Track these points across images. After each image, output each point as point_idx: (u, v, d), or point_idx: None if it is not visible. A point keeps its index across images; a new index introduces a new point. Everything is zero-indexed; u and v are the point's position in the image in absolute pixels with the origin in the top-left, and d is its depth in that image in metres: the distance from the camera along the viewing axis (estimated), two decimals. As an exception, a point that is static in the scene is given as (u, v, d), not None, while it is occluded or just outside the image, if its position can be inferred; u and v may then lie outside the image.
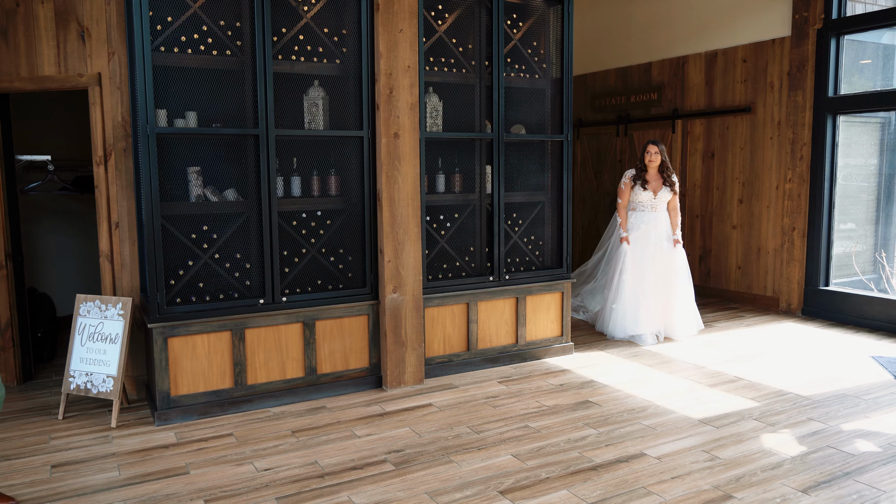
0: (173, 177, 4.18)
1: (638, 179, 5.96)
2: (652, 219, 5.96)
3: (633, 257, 5.92)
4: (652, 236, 5.92)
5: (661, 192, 5.93)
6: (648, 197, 5.93)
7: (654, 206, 5.96)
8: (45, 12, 4.42)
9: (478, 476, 3.38)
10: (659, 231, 5.94)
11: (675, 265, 5.91)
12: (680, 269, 5.93)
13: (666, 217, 6.01)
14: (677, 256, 5.92)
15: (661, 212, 5.98)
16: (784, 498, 3.15)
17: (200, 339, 4.19)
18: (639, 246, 5.92)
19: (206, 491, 3.25)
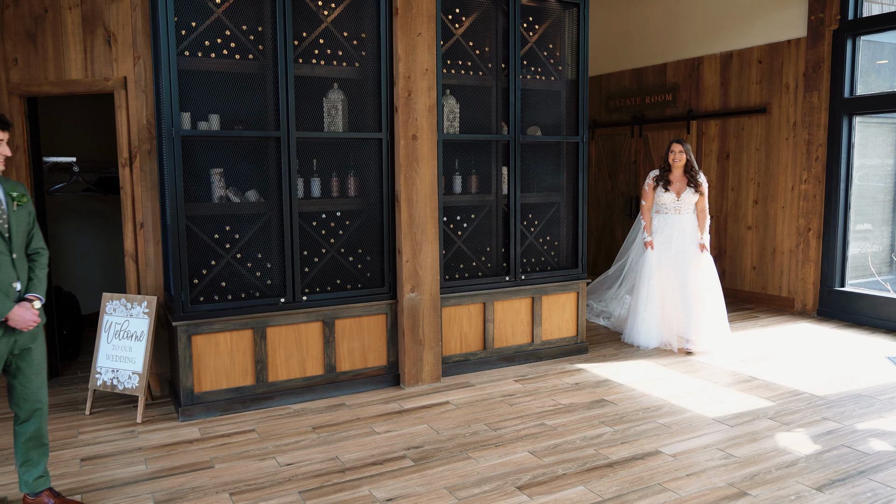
0: (197, 178, 4.28)
1: (661, 180, 5.65)
2: (675, 222, 5.63)
3: (656, 262, 5.67)
4: (675, 240, 5.62)
5: (685, 194, 5.59)
6: (671, 199, 5.63)
7: (677, 208, 5.63)
8: (72, 18, 4.54)
9: (495, 472, 3.45)
10: (683, 235, 5.61)
11: (701, 271, 5.57)
12: (706, 276, 5.59)
13: (692, 220, 5.64)
14: (703, 262, 5.58)
15: (685, 214, 5.63)
16: (798, 495, 3.19)
17: (223, 336, 4.29)
18: (661, 250, 5.66)
19: (231, 484, 3.34)
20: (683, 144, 5.58)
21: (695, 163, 5.64)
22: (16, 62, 4.69)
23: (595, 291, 7.01)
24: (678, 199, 5.59)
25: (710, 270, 5.63)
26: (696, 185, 5.58)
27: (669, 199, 5.62)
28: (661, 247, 5.66)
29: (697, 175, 5.61)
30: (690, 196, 5.59)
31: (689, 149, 5.60)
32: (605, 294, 6.86)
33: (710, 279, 5.61)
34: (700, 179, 5.61)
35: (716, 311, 5.61)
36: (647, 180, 5.75)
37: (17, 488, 3.30)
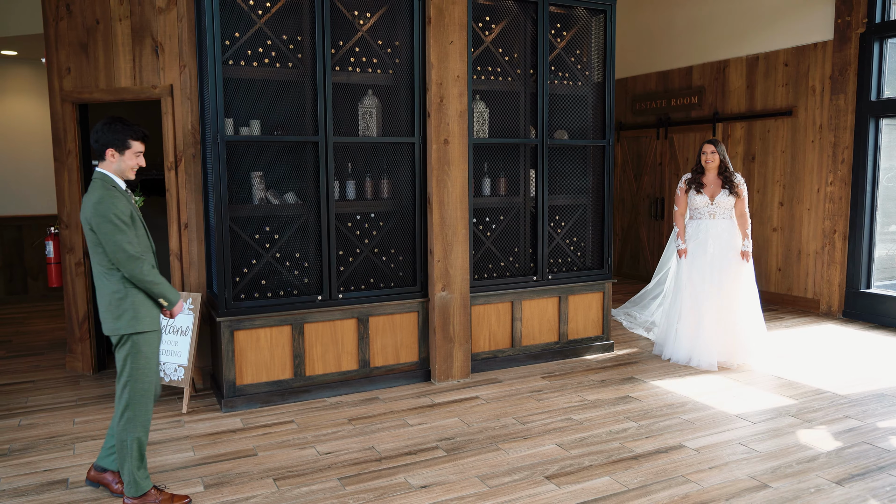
0: (238, 181, 4.50)
1: (693, 183, 5.33)
2: (710, 227, 5.28)
3: (689, 271, 5.35)
4: (709, 247, 5.26)
5: (720, 197, 5.23)
6: (704, 202, 5.28)
7: (711, 212, 5.28)
8: (122, 29, 4.79)
9: (524, 462, 3.61)
10: (720, 241, 5.24)
11: (740, 282, 5.23)
12: (745, 287, 5.25)
13: (729, 225, 5.26)
14: (743, 271, 5.23)
15: (721, 219, 5.27)
16: (818, 488, 3.30)
17: (263, 332, 4.50)
18: (695, 258, 5.31)
19: (274, 471, 3.54)
20: (716, 145, 5.28)
21: (729, 164, 5.33)
22: (69, 71, 4.96)
23: (638, 302, 6.88)
24: (712, 202, 5.26)
25: (749, 281, 5.28)
26: (731, 187, 5.22)
27: (703, 202, 5.29)
28: (696, 254, 5.31)
29: (733, 176, 5.26)
30: (726, 199, 5.24)
31: (722, 149, 5.30)
32: (650, 304, 6.60)
33: (748, 290, 5.28)
34: (736, 180, 5.25)
35: (755, 325, 5.31)
36: (680, 184, 5.47)
37: (79, 471, 3.54)
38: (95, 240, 3.02)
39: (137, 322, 3.06)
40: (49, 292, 8.12)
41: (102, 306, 3.10)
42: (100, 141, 3.09)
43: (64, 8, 4.90)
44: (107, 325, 3.09)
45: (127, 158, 3.12)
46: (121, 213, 3.00)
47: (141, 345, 3.09)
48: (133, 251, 3.00)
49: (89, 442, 3.94)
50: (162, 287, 3.11)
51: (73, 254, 5.19)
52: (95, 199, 3.00)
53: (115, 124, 3.10)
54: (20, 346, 6.15)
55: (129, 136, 3.12)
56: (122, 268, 3.01)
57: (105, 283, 3.07)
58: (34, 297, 8.13)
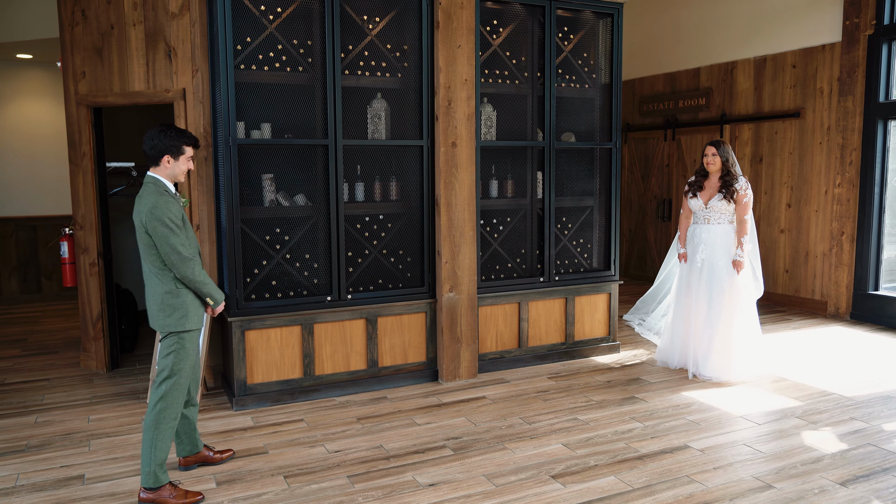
0: (249, 183, 4.57)
1: (693, 186, 5.18)
2: (703, 232, 5.10)
3: (681, 277, 5.27)
4: (700, 253, 5.09)
5: (714, 201, 5.02)
6: (699, 206, 5.11)
7: (706, 217, 5.09)
8: (136, 34, 4.87)
9: (531, 462, 3.66)
10: (712, 248, 5.04)
11: (727, 292, 4.99)
12: (735, 299, 4.99)
13: (724, 232, 5.03)
14: (735, 282, 4.98)
15: (716, 224, 5.05)
16: (822, 489, 3.33)
17: (274, 332, 4.57)
18: (690, 264, 5.20)
19: (285, 468, 3.61)
20: (718, 147, 5.04)
21: (735, 167, 5.05)
22: (84, 75, 5.05)
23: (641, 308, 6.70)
24: (706, 206, 5.07)
25: (740, 293, 5.00)
26: (728, 191, 4.97)
27: (697, 206, 5.13)
28: (690, 260, 5.20)
29: (734, 181, 4.99)
30: (719, 203, 5.00)
31: (727, 151, 5.04)
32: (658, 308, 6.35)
33: (738, 303, 5.00)
34: (737, 185, 4.97)
35: (743, 341, 5.00)
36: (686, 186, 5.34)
37: (94, 468, 3.62)
38: (149, 241, 3.20)
39: (187, 320, 3.26)
40: (63, 292, 8.24)
41: (154, 304, 3.27)
42: (156, 147, 3.25)
43: (79, 13, 4.99)
44: (157, 322, 3.27)
45: (181, 163, 3.32)
46: (174, 216, 3.19)
47: (186, 342, 3.29)
48: (186, 253, 3.20)
49: (104, 439, 4.02)
50: (210, 287, 3.33)
51: (88, 254, 5.28)
52: (151, 203, 3.16)
53: (169, 131, 3.28)
54: (35, 344, 6.26)
55: (184, 141, 3.31)
56: (175, 268, 3.20)
57: (157, 283, 3.25)
58: (48, 297, 8.24)
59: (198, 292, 3.31)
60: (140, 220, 3.18)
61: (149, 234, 3.17)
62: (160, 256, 3.20)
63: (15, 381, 5.18)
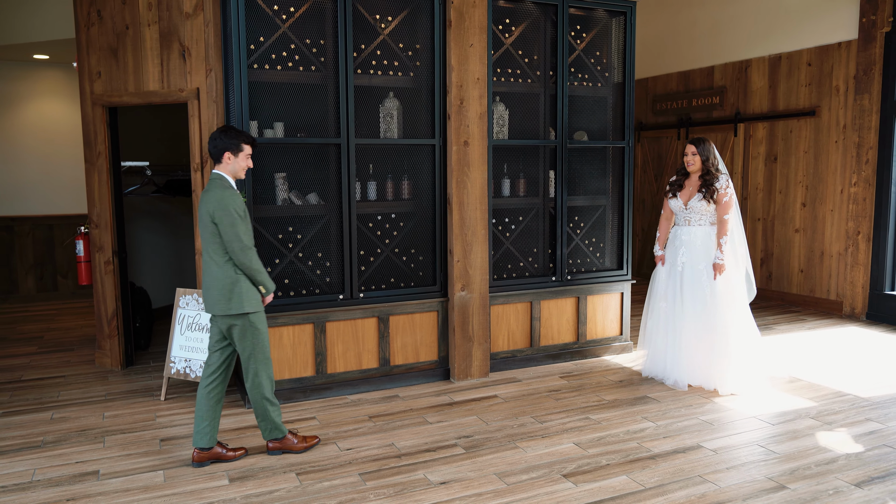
0: (262, 182, 4.59)
1: (674, 186, 4.95)
2: (683, 234, 4.86)
3: (661, 281, 4.99)
4: (679, 256, 4.84)
5: (693, 201, 4.76)
6: (679, 207, 4.87)
7: (686, 218, 4.84)
8: (150, 34, 4.91)
9: (542, 461, 3.65)
10: (692, 250, 4.79)
11: (715, 297, 4.70)
12: (725, 303, 4.70)
13: (705, 233, 4.77)
14: (716, 287, 4.70)
15: (697, 226, 4.80)
16: (837, 490, 3.30)
17: (286, 330, 4.59)
18: (670, 267, 4.93)
19: (297, 465, 3.63)
20: (699, 145, 4.77)
21: (718, 166, 4.79)
22: (99, 75, 5.10)
23: None
24: (686, 206, 4.82)
25: (728, 297, 4.71)
26: (707, 191, 4.71)
27: (677, 206, 4.88)
28: (669, 263, 4.94)
29: (715, 179, 4.72)
30: (698, 204, 4.74)
31: (707, 149, 4.77)
32: None
33: (727, 306, 4.70)
34: (717, 184, 4.70)
35: (733, 349, 4.70)
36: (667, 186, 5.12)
37: (109, 464, 3.66)
38: (214, 231, 3.47)
39: (247, 304, 3.52)
40: (78, 290, 8.32)
41: (215, 290, 3.52)
42: (218, 146, 3.56)
43: (95, 14, 5.04)
44: (218, 307, 3.53)
45: (240, 160, 3.60)
46: (239, 207, 3.48)
47: (256, 323, 3.58)
48: (247, 242, 3.49)
49: (118, 436, 4.06)
50: (263, 276, 3.58)
51: (103, 252, 5.33)
52: (219, 195, 3.46)
53: (229, 131, 3.58)
54: (51, 342, 6.33)
55: (242, 140, 3.60)
56: (235, 256, 3.47)
57: (218, 271, 3.52)
58: (64, 295, 8.33)
59: (253, 279, 3.56)
60: (208, 210, 3.46)
61: (215, 223, 3.44)
62: (223, 245, 3.48)
63: (32, 377, 5.24)
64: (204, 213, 3.47)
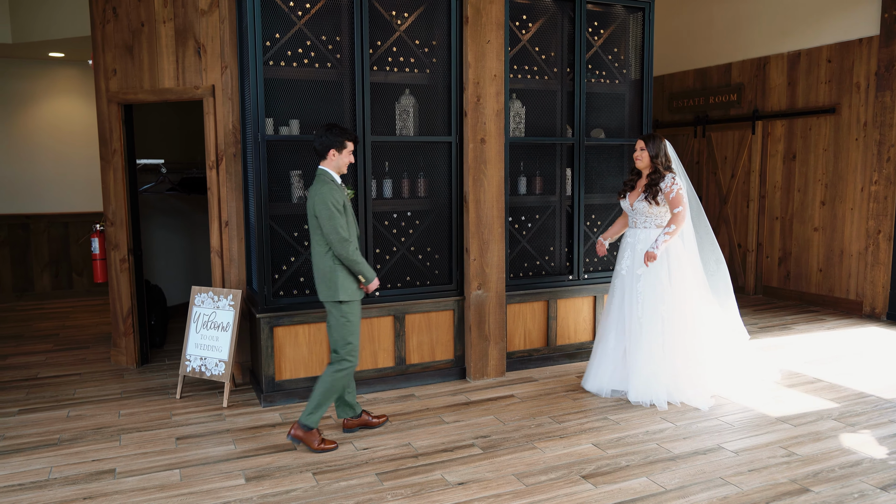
0: (277, 179, 4.57)
1: (626, 185, 4.65)
2: (630, 236, 4.58)
3: (611, 286, 4.73)
4: (625, 259, 4.56)
5: (637, 202, 4.49)
6: (626, 206, 4.60)
7: (634, 220, 4.56)
8: (166, 31, 4.90)
9: (561, 461, 3.61)
10: (636, 254, 4.49)
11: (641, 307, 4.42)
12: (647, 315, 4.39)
13: (648, 237, 4.47)
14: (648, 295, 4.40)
15: (643, 228, 4.49)
16: (862, 494, 3.24)
17: (302, 329, 4.57)
18: (614, 273, 4.69)
19: (313, 465, 3.60)
20: (648, 141, 4.45)
21: (670, 161, 4.51)
22: (115, 73, 5.09)
23: None
24: (632, 208, 4.54)
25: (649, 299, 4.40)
26: (650, 193, 4.40)
27: (625, 206, 4.61)
28: (616, 267, 4.67)
29: (660, 180, 4.39)
30: (640, 205, 4.46)
31: (657, 146, 4.44)
32: None
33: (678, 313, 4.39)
34: (660, 185, 4.38)
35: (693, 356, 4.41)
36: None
37: (125, 462, 3.65)
38: (317, 224, 3.69)
39: (342, 293, 3.72)
40: (93, 288, 8.35)
41: (318, 279, 3.77)
42: (323, 143, 3.75)
43: (111, 11, 5.04)
44: (322, 294, 3.77)
45: (343, 156, 3.78)
46: (336, 201, 3.66)
47: (347, 312, 3.75)
48: (344, 234, 3.65)
49: (134, 434, 4.05)
50: (362, 266, 3.73)
51: (118, 250, 5.33)
52: (320, 190, 3.67)
53: (333, 129, 3.76)
54: (67, 339, 6.35)
55: (346, 137, 3.77)
56: (334, 247, 3.66)
57: (319, 261, 3.75)
58: (79, 293, 8.36)
59: (352, 269, 3.73)
60: (311, 204, 3.69)
61: (316, 217, 3.66)
62: (324, 237, 3.68)
63: (48, 375, 5.25)
64: (309, 207, 3.72)
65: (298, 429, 3.76)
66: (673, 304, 4.42)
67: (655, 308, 4.41)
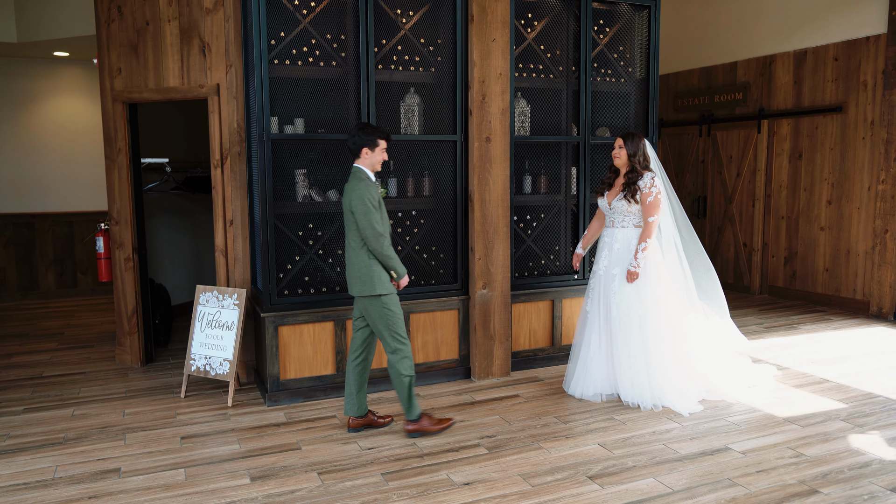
0: (282, 178, 4.56)
1: (604, 183, 4.57)
2: (608, 235, 4.52)
3: (588, 287, 4.66)
4: (602, 259, 4.51)
5: (615, 201, 4.42)
6: (604, 205, 4.53)
7: (612, 219, 4.49)
8: (171, 30, 4.89)
9: (567, 462, 3.59)
10: (613, 254, 4.45)
11: (621, 304, 4.37)
12: (623, 315, 4.36)
13: (627, 236, 4.41)
14: (626, 293, 4.35)
15: (621, 227, 4.43)
16: (872, 495, 3.21)
17: (307, 328, 4.56)
18: (592, 273, 4.62)
19: (318, 465, 3.59)
20: (627, 139, 4.40)
21: (649, 160, 4.45)
22: (119, 71, 5.09)
23: None
24: (610, 207, 4.47)
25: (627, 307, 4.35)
26: (629, 191, 4.34)
27: (604, 205, 4.53)
28: (594, 268, 4.61)
29: (638, 178, 4.35)
30: (619, 204, 4.39)
31: (636, 145, 4.39)
32: None
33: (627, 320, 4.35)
34: (640, 183, 4.33)
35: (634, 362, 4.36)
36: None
37: (130, 461, 3.64)
38: (353, 220, 3.77)
39: (379, 287, 3.79)
40: (98, 287, 8.36)
41: (353, 274, 3.84)
42: (357, 142, 3.82)
43: (115, 10, 5.03)
44: (355, 289, 3.84)
45: (376, 154, 3.86)
46: (373, 198, 3.75)
47: (388, 304, 3.83)
48: (379, 229, 3.74)
49: (139, 433, 4.04)
50: (395, 261, 3.82)
51: (123, 249, 5.33)
52: (356, 186, 3.76)
53: (367, 128, 3.85)
54: (71, 338, 6.35)
55: (378, 136, 3.85)
56: (369, 243, 3.74)
57: (355, 256, 3.82)
58: (84, 291, 8.37)
59: (385, 265, 3.81)
60: (348, 200, 3.77)
61: (353, 213, 3.73)
62: (359, 233, 3.75)
63: (52, 374, 5.25)
64: (345, 204, 3.79)
65: (409, 424, 3.92)
66: (653, 301, 4.36)
67: (632, 306, 4.36)
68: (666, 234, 4.56)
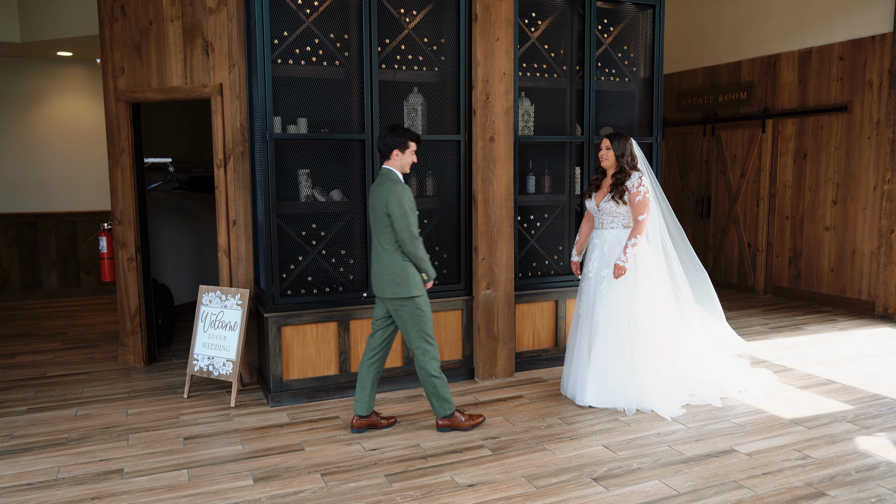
0: (285, 178, 4.54)
1: (592, 185, 4.54)
2: (597, 237, 4.47)
3: (579, 289, 4.61)
4: (592, 261, 4.46)
5: (603, 202, 4.37)
6: (592, 207, 4.48)
7: (601, 221, 4.44)
8: (174, 29, 4.88)
9: (571, 463, 3.57)
10: (602, 255, 4.40)
11: (607, 304, 4.32)
12: (610, 316, 4.30)
13: (617, 237, 4.36)
14: (615, 291, 4.30)
15: (610, 228, 4.39)
16: (879, 498, 3.19)
17: (310, 328, 4.55)
18: (582, 276, 4.57)
19: (322, 466, 3.57)
20: (614, 140, 4.35)
21: (636, 160, 4.41)
22: (122, 71, 5.08)
23: None
24: (598, 208, 4.42)
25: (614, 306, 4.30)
26: (616, 192, 4.30)
27: (591, 207, 4.48)
28: (584, 270, 4.56)
29: (626, 179, 4.31)
30: (607, 205, 4.35)
31: (622, 145, 4.34)
32: None
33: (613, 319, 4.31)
34: (628, 183, 4.29)
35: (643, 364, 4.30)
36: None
37: (134, 461, 3.63)
38: (387, 222, 3.78)
39: (413, 288, 3.83)
40: (101, 286, 8.36)
41: (386, 277, 3.84)
42: (387, 144, 3.84)
43: (119, 10, 5.02)
44: (388, 290, 3.85)
45: (406, 156, 3.87)
46: (409, 200, 3.77)
47: (421, 305, 3.87)
48: (416, 231, 3.78)
49: (142, 433, 4.03)
50: (427, 263, 3.87)
51: (126, 249, 5.32)
52: (392, 189, 3.76)
53: (397, 130, 3.85)
54: (74, 338, 6.34)
55: (409, 138, 3.85)
56: (404, 244, 3.77)
57: (387, 258, 3.83)
58: (87, 291, 8.37)
59: (417, 266, 3.85)
60: (382, 202, 3.76)
61: (388, 214, 3.74)
62: (393, 235, 3.78)
63: (56, 373, 5.24)
64: (378, 205, 3.78)
65: (441, 420, 3.98)
66: (642, 305, 4.31)
67: (620, 309, 4.31)
68: (653, 235, 4.53)
